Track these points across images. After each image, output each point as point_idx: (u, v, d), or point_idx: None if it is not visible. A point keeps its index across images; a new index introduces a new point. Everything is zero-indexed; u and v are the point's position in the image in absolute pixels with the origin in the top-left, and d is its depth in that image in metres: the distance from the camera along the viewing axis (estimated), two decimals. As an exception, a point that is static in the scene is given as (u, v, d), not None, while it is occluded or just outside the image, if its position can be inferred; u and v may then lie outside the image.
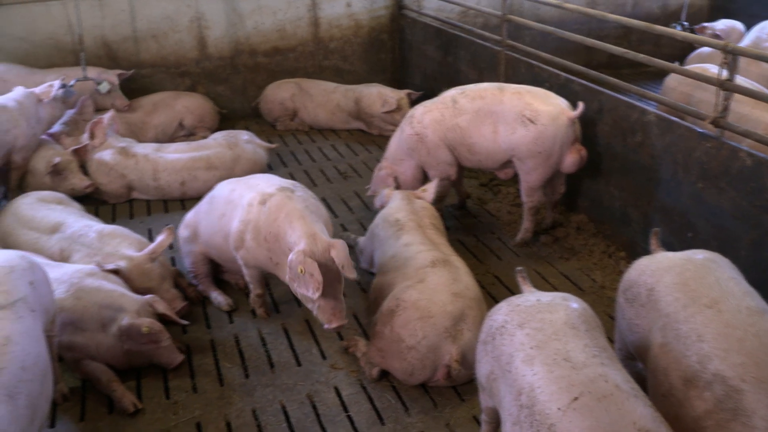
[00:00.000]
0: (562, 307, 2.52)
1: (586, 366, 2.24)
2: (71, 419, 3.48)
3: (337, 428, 3.32)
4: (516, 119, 4.35)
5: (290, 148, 6.71)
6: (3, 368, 2.54)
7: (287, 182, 3.96)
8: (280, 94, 7.12)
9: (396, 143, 4.98)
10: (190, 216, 4.37)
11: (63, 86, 5.73)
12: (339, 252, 3.44)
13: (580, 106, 4.35)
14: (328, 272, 3.42)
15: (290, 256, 3.41)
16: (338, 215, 5.32)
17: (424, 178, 4.91)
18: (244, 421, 3.38)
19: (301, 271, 3.35)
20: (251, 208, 3.77)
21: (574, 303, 2.57)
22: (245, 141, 5.83)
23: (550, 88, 4.65)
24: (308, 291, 3.36)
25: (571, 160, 4.42)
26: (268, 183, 3.89)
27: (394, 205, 4.24)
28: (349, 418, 3.38)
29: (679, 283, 2.62)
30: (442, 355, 3.33)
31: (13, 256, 3.06)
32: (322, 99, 7.07)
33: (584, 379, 2.19)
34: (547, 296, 2.63)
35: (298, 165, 6.31)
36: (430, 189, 4.41)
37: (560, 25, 5.47)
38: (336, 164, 6.29)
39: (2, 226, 4.60)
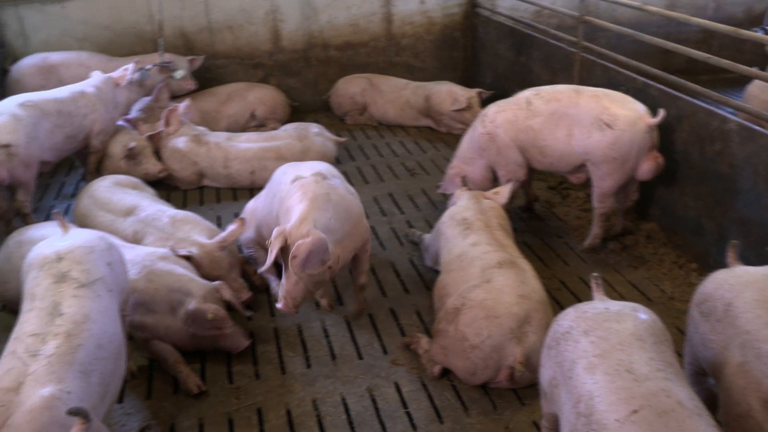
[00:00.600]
0: (630, 318, 2.47)
1: (649, 379, 2.19)
2: (138, 396, 3.58)
3: (396, 424, 3.32)
4: (592, 123, 4.26)
5: (359, 142, 6.76)
6: (80, 345, 2.62)
7: (330, 171, 3.93)
8: (350, 88, 7.17)
9: (467, 142, 4.95)
10: (251, 204, 4.46)
11: (140, 69, 5.91)
12: (302, 246, 3.31)
13: (661, 113, 4.23)
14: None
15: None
16: (404, 212, 5.33)
17: (495, 179, 4.87)
18: (304, 411, 3.42)
19: (268, 244, 3.42)
20: (284, 186, 3.82)
21: (643, 314, 2.51)
22: (315, 134, 5.90)
23: (626, 93, 4.54)
24: (264, 264, 3.44)
25: (646, 168, 4.31)
26: (311, 168, 3.89)
27: (462, 204, 4.21)
28: (408, 414, 3.38)
29: (760, 299, 2.52)
30: (506, 356, 3.30)
31: (93, 237, 3.16)
32: (392, 95, 7.09)
33: (645, 393, 2.14)
34: (616, 305, 2.57)
35: (365, 159, 6.34)
36: (504, 192, 4.37)
37: (637, 27, 5.32)
38: (404, 160, 6.29)
39: (80, 207, 4.77)
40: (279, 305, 3.45)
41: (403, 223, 5.12)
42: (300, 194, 3.61)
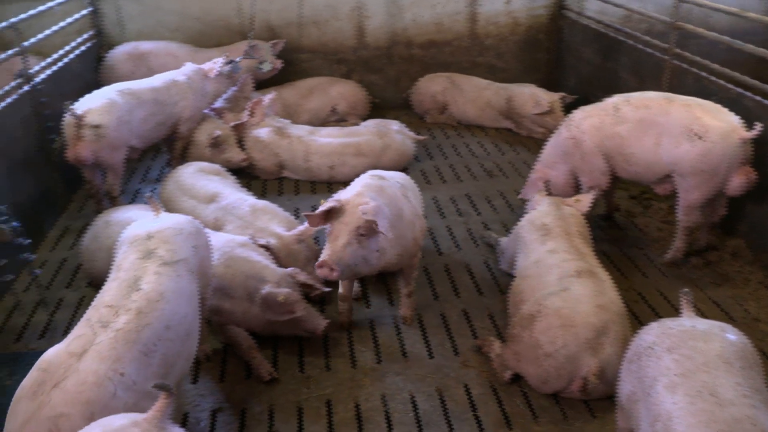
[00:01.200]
0: (718, 338, 2.38)
1: (734, 405, 2.10)
2: (212, 379, 3.68)
3: (463, 426, 3.31)
4: (682, 133, 4.13)
5: (437, 141, 6.75)
6: (148, 324, 2.68)
7: (393, 174, 4.04)
8: (432, 87, 7.16)
9: (551, 146, 4.88)
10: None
11: (230, 62, 6.07)
12: (369, 206, 3.38)
13: (758, 127, 4.04)
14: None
15: None
16: (481, 213, 5.29)
17: (577, 185, 4.78)
18: (372, 405, 3.44)
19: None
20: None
21: (733, 335, 2.41)
22: (395, 131, 5.92)
23: (719, 103, 4.39)
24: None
25: (737, 183, 4.15)
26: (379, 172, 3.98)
27: (542, 209, 4.16)
28: (477, 417, 3.36)
29: None
30: (580, 366, 3.24)
31: (182, 219, 3.28)
32: (474, 95, 7.04)
33: (728, 418, 2.06)
34: (703, 323, 2.48)
35: (444, 159, 6.33)
36: (585, 200, 4.28)
37: (731, 35, 5.12)
38: (482, 161, 6.25)
39: (165, 192, 4.93)
40: (319, 269, 3.39)
41: (479, 225, 5.09)
42: (356, 185, 3.70)
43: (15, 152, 4.87)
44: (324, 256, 3.37)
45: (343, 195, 3.57)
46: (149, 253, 2.96)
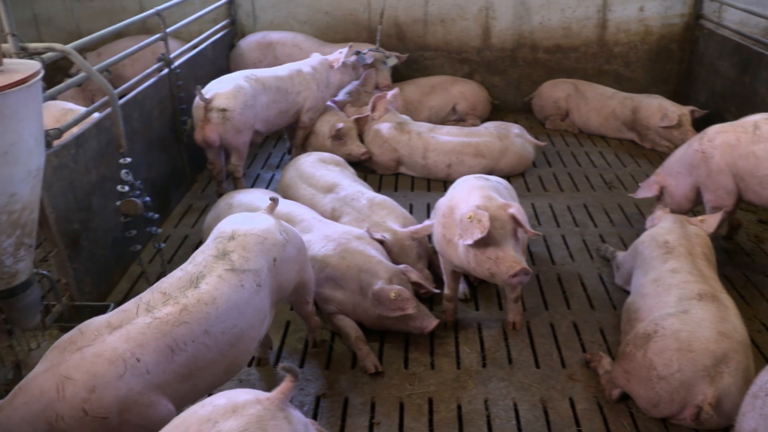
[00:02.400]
0: None
1: None
2: (318, 365, 3.76)
3: (566, 440, 3.26)
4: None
5: (557, 148, 6.62)
6: (186, 323, 2.66)
7: (491, 177, 4.02)
8: (555, 92, 7.03)
9: (679, 155, 4.68)
10: (443, 200, 4.47)
11: (357, 52, 6.19)
12: (518, 210, 3.41)
13: None
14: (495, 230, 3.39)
15: (462, 210, 3.48)
16: (597, 225, 5.16)
17: (696, 201, 4.58)
18: (474, 408, 3.43)
19: (470, 218, 3.36)
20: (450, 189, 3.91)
21: None
22: (515, 134, 5.86)
23: None
24: (472, 236, 3.34)
25: None
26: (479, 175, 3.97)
27: (665, 226, 4.01)
28: (580, 432, 3.30)
29: None
30: (695, 394, 3.10)
31: (274, 228, 3.15)
32: (598, 104, 6.86)
33: None
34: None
35: (562, 167, 6.21)
36: (711, 221, 4.08)
37: None
38: (602, 172, 6.08)
39: (285, 178, 5.08)
40: (514, 278, 3.35)
41: (595, 237, 4.97)
42: (465, 189, 3.69)
43: (151, 131, 5.15)
44: (512, 263, 3.34)
45: (462, 201, 3.58)
46: (224, 255, 2.92)
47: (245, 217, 3.23)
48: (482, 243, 3.39)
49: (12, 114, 2.73)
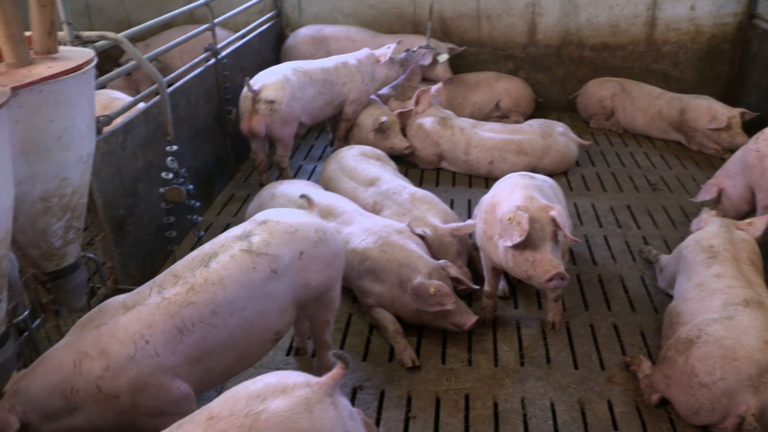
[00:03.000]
0: None
1: None
2: (356, 357, 3.78)
3: (603, 443, 3.23)
4: None
5: (601, 147, 6.54)
6: (193, 303, 2.68)
7: (537, 175, 3.94)
8: (600, 91, 6.93)
9: (737, 156, 4.59)
10: (486, 197, 4.45)
11: (405, 50, 6.19)
12: (559, 213, 3.36)
13: None
14: (534, 232, 3.35)
15: (503, 208, 3.44)
16: (641, 227, 5.08)
17: (752, 203, 4.48)
18: (511, 406, 3.42)
19: (509, 220, 3.33)
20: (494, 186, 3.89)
21: None
22: (559, 132, 5.79)
23: None
24: (511, 239, 3.31)
25: None
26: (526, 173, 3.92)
27: (710, 230, 3.93)
28: (618, 436, 3.27)
29: None
30: (738, 403, 3.04)
31: (310, 225, 3.08)
32: (644, 103, 6.74)
33: None
34: None
35: (606, 166, 6.13)
36: (759, 223, 3.99)
37: None
38: (647, 173, 5.98)
39: (327, 171, 5.11)
40: (550, 282, 3.31)
41: (638, 239, 4.90)
42: (507, 188, 3.65)
43: (197, 120, 5.22)
44: (549, 267, 3.30)
45: (504, 200, 3.56)
46: (246, 236, 2.92)
47: (285, 210, 3.24)
48: (521, 245, 3.36)
49: (66, 100, 2.79)
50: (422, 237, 4.11)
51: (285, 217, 3.08)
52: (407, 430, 3.31)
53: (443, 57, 6.64)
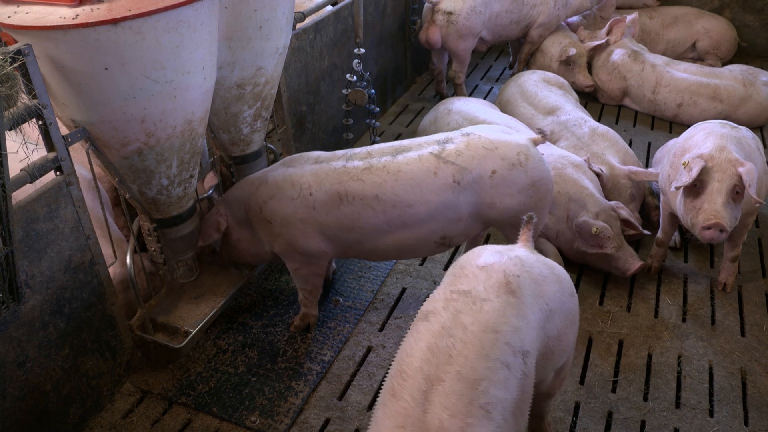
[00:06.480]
0: None
1: None
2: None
3: (762, 419, 3.03)
4: None
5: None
6: (361, 180, 2.95)
7: (744, 130, 3.59)
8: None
9: None
10: (670, 143, 4.17)
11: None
12: (748, 171, 3.13)
13: None
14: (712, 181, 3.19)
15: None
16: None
17: None
18: (665, 360, 3.30)
19: (684, 164, 3.23)
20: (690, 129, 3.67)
21: None
22: (763, 82, 5.26)
23: None
24: (678, 182, 3.22)
25: None
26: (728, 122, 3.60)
27: None
28: (779, 412, 3.07)
29: None
30: None
31: (514, 147, 3.00)
32: None
33: None
34: None
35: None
36: None
37: None
38: None
39: (505, 93, 4.98)
40: (706, 230, 3.14)
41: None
42: (706, 132, 3.40)
43: (382, 27, 5.22)
44: (711, 215, 3.12)
45: (695, 145, 3.33)
46: (444, 142, 3.02)
47: (497, 127, 3.17)
48: (694, 191, 3.22)
49: (271, -10, 2.87)
50: (598, 175, 3.94)
51: (490, 133, 3.06)
52: (555, 365, 3.28)
53: None
